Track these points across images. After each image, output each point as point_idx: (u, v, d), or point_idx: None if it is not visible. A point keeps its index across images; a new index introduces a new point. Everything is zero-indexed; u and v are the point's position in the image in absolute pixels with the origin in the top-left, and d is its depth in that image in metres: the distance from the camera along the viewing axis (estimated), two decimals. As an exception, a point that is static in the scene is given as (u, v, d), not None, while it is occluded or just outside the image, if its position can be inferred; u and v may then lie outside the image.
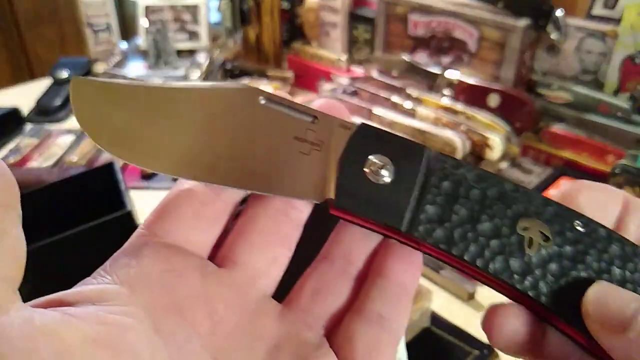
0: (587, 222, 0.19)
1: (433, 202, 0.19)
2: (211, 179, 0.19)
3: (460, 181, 0.19)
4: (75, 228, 0.49)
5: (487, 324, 0.19)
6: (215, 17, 1.15)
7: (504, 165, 0.75)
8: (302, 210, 0.20)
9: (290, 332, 0.18)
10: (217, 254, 0.19)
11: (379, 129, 0.20)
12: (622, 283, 0.19)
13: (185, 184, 0.19)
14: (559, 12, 0.72)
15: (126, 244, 0.18)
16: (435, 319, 0.51)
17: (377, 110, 0.77)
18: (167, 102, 0.19)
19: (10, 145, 0.82)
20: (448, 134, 0.69)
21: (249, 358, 0.17)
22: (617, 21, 0.71)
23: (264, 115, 0.19)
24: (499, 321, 0.19)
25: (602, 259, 0.19)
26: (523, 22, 0.73)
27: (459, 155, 0.68)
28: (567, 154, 0.72)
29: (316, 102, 0.21)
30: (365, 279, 0.20)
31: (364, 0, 0.97)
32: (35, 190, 0.57)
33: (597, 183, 0.21)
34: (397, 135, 0.20)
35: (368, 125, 0.20)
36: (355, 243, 0.20)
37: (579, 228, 0.19)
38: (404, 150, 0.20)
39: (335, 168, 0.19)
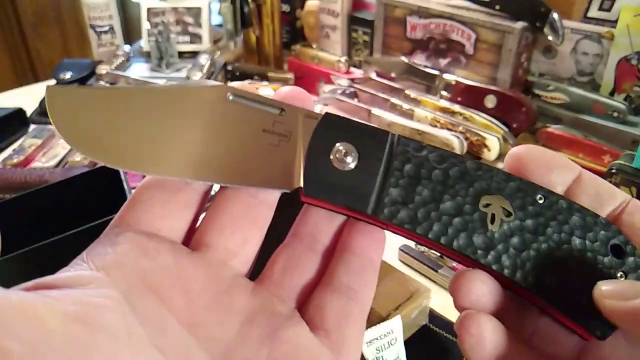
0: (548, 194, 0.20)
1: (396, 185, 0.20)
2: (186, 175, 0.19)
3: (422, 163, 0.20)
4: (79, 227, 0.50)
5: (453, 287, 0.20)
6: (216, 19, 1.16)
7: (500, 165, 0.76)
8: (271, 192, 0.21)
9: (262, 306, 0.19)
10: (192, 238, 0.20)
11: (343, 117, 0.21)
12: (582, 253, 0.19)
13: None
14: (555, 15, 0.73)
15: (102, 235, 0.19)
16: (434, 316, 0.52)
17: (376, 111, 0.78)
18: (139, 104, 0.19)
19: (14, 145, 0.83)
20: (446, 134, 0.70)
21: (223, 331, 0.18)
22: (613, 23, 0.71)
23: (233, 111, 0.20)
24: (465, 285, 0.19)
25: (562, 230, 0.20)
26: (520, 25, 0.74)
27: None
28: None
29: (282, 90, 0.22)
30: (332, 255, 0.21)
31: (363, 3, 0.98)
32: (39, 190, 0.58)
33: (554, 152, 0.21)
34: (361, 123, 0.21)
35: (332, 114, 0.21)
36: (321, 222, 0.21)
37: (540, 201, 0.20)
38: (368, 136, 0.20)
39: (303, 157, 0.20)
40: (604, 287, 0.18)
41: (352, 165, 0.20)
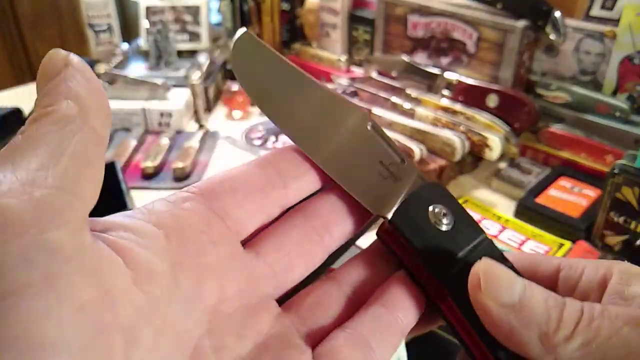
0: None
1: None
2: (307, 148, 0.21)
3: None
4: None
5: None
6: (215, 18, 1.15)
7: (502, 165, 0.75)
8: (335, 239, 0.21)
9: (281, 334, 0.19)
10: (249, 239, 0.20)
11: (447, 192, 0.22)
12: None
13: (255, 163, 0.20)
14: (557, 13, 0.72)
15: (171, 195, 0.19)
16: (434, 318, 0.52)
17: (377, 111, 0.77)
18: (301, 86, 0.22)
19: (12, 145, 0.83)
20: (447, 134, 0.70)
21: (237, 344, 0.18)
22: (616, 22, 0.71)
23: (364, 136, 0.23)
24: None
25: None
26: (521, 23, 0.73)
27: (457, 154, 0.68)
28: (566, 154, 0.73)
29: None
30: (363, 303, 0.20)
31: (364, 2, 0.98)
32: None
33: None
34: (462, 207, 0.22)
35: (439, 185, 0.22)
36: (366, 275, 0.21)
37: None
38: (467, 220, 0.21)
39: (401, 198, 0.21)
40: (481, 271, 0.18)
41: (446, 228, 0.20)
